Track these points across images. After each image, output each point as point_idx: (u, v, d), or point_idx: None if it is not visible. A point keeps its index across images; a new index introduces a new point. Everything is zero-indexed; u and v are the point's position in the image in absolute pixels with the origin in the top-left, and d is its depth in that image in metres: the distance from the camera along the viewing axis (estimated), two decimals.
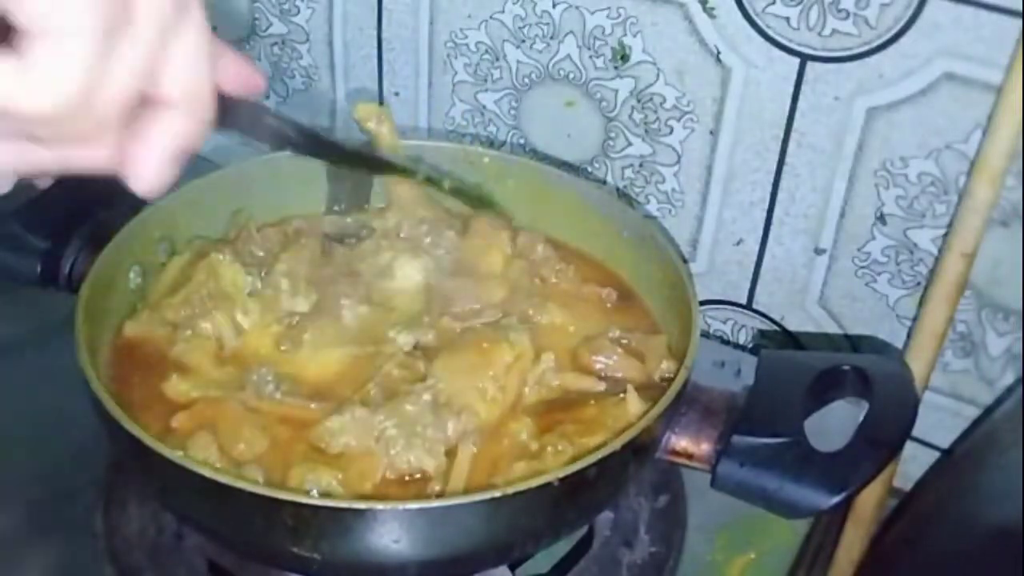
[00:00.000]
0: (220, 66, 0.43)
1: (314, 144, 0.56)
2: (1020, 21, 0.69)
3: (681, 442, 0.64)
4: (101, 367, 0.66)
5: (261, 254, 0.74)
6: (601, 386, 0.68)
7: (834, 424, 0.65)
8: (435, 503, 0.56)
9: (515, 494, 0.55)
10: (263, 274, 0.72)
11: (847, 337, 0.86)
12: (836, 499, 0.60)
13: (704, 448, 0.64)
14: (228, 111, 0.44)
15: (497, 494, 0.55)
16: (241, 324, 0.70)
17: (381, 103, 0.97)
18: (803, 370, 0.66)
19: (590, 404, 0.66)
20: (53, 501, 0.73)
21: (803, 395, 0.65)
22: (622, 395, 0.66)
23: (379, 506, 0.55)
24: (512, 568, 0.66)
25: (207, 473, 0.55)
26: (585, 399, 0.67)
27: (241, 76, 0.46)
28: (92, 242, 0.72)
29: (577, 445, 0.62)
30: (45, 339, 0.79)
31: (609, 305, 0.75)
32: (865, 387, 0.65)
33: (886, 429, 0.63)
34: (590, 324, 0.73)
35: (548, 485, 0.56)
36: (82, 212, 0.73)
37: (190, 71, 0.40)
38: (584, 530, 0.70)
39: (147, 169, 0.40)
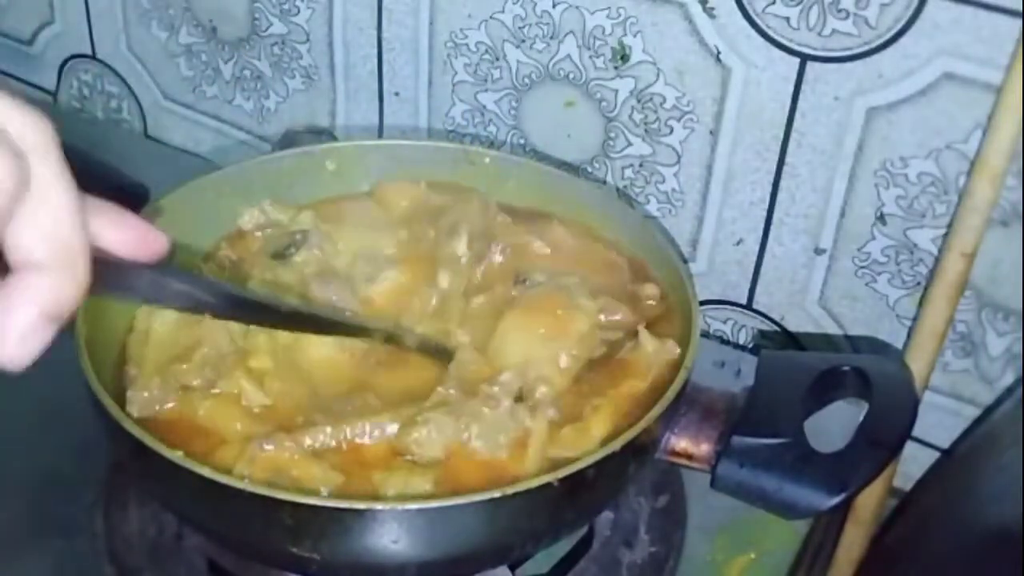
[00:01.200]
0: (109, 228, 0.40)
1: (237, 306, 0.51)
2: (1020, 21, 0.69)
3: (681, 442, 0.64)
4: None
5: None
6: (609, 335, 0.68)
7: (834, 424, 0.65)
8: (434, 503, 0.56)
9: (515, 494, 0.55)
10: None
11: (847, 337, 0.86)
12: (836, 500, 0.60)
13: (704, 448, 0.64)
14: (120, 276, 0.41)
15: (497, 494, 0.55)
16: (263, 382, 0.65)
17: (381, 103, 0.97)
18: (803, 370, 0.66)
19: (608, 356, 0.67)
20: (53, 501, 0.73)
21: (803, 395, 0.65)
22: (630, 345, 0.67)
23: (378, 506, 0.55)
24: (512, 568, 0.66)
25: (207, 473, 0.55)
26: (603, 354, 0.67)
27: (136, 239, 0.42)
28: None
29: (610, 396, 0.63)
30: None
31: None
32: (865, 387, 0.65)
33: (886, 429, 0.63)
34: None
35: (548, 485, 0.56)
36: None
37: (53, 230, 0.36)
38: (584, 530, 0.70)
39: (8, 337, 0.36)
